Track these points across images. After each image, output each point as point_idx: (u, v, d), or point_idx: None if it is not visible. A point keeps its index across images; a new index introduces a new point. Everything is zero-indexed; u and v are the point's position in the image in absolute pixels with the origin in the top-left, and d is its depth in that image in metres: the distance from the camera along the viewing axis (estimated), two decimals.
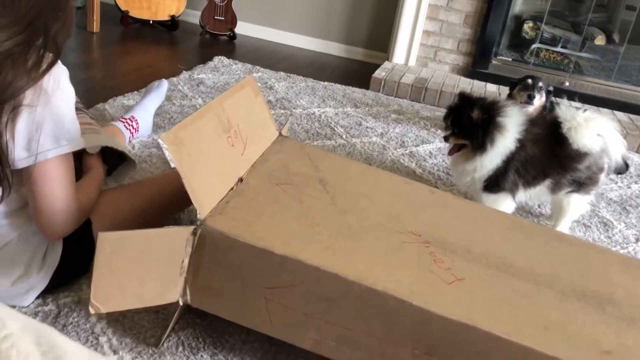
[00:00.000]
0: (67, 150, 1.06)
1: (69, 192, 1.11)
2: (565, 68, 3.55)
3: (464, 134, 1.71)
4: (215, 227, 1.05)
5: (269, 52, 3.77)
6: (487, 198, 1.77)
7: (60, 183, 1.08)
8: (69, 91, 1.06)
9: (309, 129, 2.50)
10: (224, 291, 1.08)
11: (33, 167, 1.04)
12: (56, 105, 1.02)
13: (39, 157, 1.03)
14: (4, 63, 0.93)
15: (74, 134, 1.08)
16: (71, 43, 3.31)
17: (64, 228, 1.14)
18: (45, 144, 1.03)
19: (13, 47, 0.94)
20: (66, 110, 1.05)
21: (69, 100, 1.06)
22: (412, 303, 0.99)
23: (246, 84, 1.37)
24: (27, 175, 1.06)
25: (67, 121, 1.05)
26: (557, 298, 1.12)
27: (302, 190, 1.27)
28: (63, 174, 1.08)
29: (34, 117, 1.00)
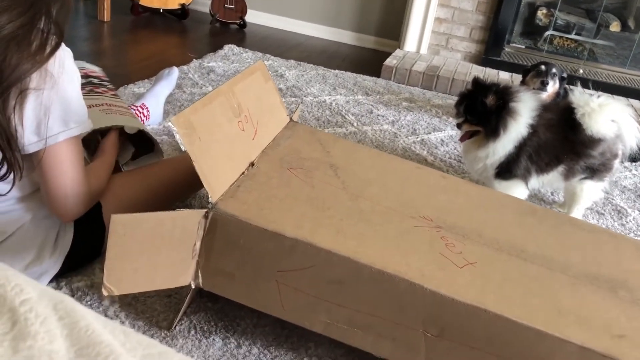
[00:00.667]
0: (76, 132, 1.07)
1: (79, 175, 1.11)
2: (579, 55, 3.51)
3: (478, 120, 1.70)
4: (227, 210, 1.05)
5: (280, 40, 3.76)
6: (499, 185, 1.76)
7: (70, 166, 1.08)
8: (74, 73, 1.06)
9: (320, 117, 2.49)
10: (236, 274, 1.09)
11: (43, 150, 1.04)
12: (63, 87, 1.02)
13: (49, 140, 1.03)
14: (8, 46, 0.93)
15: (82, 116, 1.08)
16: (82, 32, 3.32)
17: (76, 209, 1.15)
18: (54, 127, 1.03)
19: (16, 30, 0.94)
20: (73, 92, 1.05)
21: (75, 82, 1.06)
22: (423, 286, 0.99)
23: (256, 69, 1.37)
24: (37, 159, 1.06)
25: (75, 103, 1.05)
26: (570, 282, 1.11)
27: (313, 174, 1.27)
28: (73, 156, 1.09)
29: (42, 100, 1.00)
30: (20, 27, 0.94)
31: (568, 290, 1.09)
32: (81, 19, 3.57)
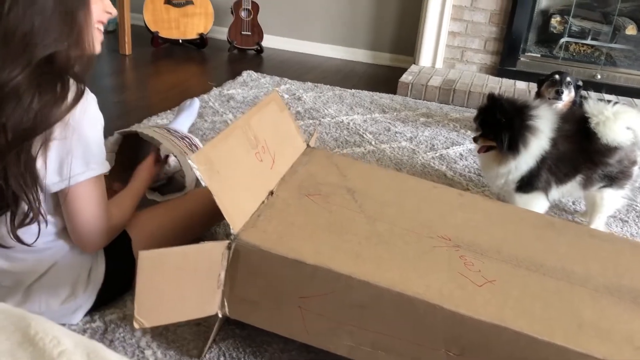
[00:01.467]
0: (96, 173, 1.13)
1: (101, 211, 1.17)
2: (596, 60, 3.49)
3: (493, 135, 1.72)
4: (248, 241, 1.09)
5: (296, 63, 3.83)
6: (520, 198, 1.77)
7: (91, 203, 1.15)
8: (97, 118, 1.12)
9: (338, 137, 2.53)
10: (260, 302, 1.12)
11: (67, 189, 1.11)
12: (85, 132, 1.08)
13: (70, 180, 1.10)
14: (26, 97, 0.99)
15: (102, 157, 1.15)
16: (105, 66, 3.44)
17: (98, 242, 1.21)
18: (76, 168, 1.09)
19: (26, 81, 0.99)
20: (94, 136, 1.11)
21: (97, 127, 1.12)
22: (443, 306, 1.01)
23: (271, 100, 1.41)
24: (62, 197, 1.13)
25: (96, 146, 1.12)
26: (590, 295, 1.12)
27: (331, 199, 1.30)
28: (94, 194, 1.15)
29: (65, 144, 1.07)
30: (33, 77, 1.00)
31: (589, 303, 1.10)
32: (104, 53, 3.69)
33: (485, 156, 1.80)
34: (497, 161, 1.75)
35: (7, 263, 1.18)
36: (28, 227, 1.10)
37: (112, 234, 1.25)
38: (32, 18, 1.01)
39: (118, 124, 2.48)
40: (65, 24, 1.05)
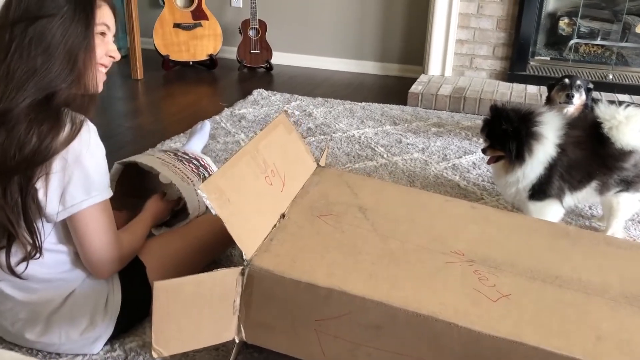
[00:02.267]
0: (97, 200, 1.15)
1: (109, 237, 1.19)
2: (607, 60, 3.46)
3: (499, 145, 1.71)
4: (262, 266, 1.10)
5: (306, 79, 3.85)
6: (533, 207, 1.76)
7: (98, 229, 1.17)
8: (97, 147, 1.14)
9: (350, 152, 2.54)
10: (276, 326, 1.13)
11: (70, 218, 1.14)
12: (85, 162, 1.11)
13: (72, 208, 1.12)
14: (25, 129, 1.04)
15: (104, 184, 1.17)
16: (118, 92, 3.49)
17: (109, 268, 1.23)
18: (77, 196, 1.12)
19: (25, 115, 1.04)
20: (94, 165, 1.13)
21: (97, 156, 1.14)
22: (458, 324, 1.01)
23: (279, 123, 1.43)
24: (70, 226, 1.16)
25: (97, 175, 1.14)
26: (609, 305, 1.11)
27: (343, 219, 1.31)
28: (99, 221, 1.17)
29: (64, 174, 1.10)
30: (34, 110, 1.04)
31: (607, 314, 1.09)
32: (116, 79, 3.76)
33: (496, 166, 1.80)
34: (505, 170, 1.75)
35: (21, 294, 1.20)
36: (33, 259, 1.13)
37: (124, 261, 1.27)
38: (36, 58, 1.05)
39: (133, 148, 2.52)
40: (67, 65, 1.09)
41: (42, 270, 1.18)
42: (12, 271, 1.14)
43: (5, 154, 1.04)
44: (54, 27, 1.07)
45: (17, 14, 1.06)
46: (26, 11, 1.06)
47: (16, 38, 1.05)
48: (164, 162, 1.60)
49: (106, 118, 2.99)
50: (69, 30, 1.08)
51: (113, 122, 2.93)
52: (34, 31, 1.06)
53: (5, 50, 1.05)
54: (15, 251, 1.13)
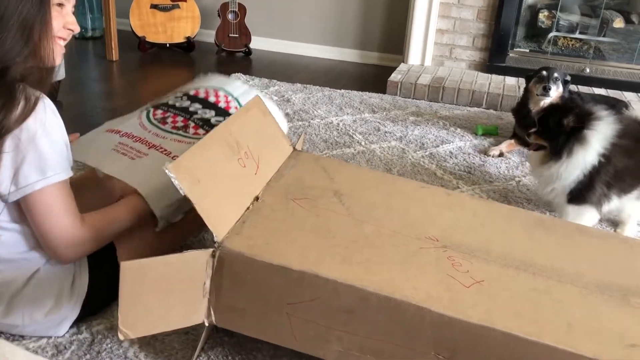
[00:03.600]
0: (53, 180, 1.10)
1: (67, 220, 1.13)
2: (585, 54, 3.49)
3: (547, 135, 1.71)
4: (233, 248, 1.08)
5: (285, 65, 3.81)
6: (571, 209, 1.76)
7: (55, 212, 1.11)
8: (54, 125, 1.09)
9: (328, 139, 2.52)
10: (247, 309, 1.11)
11: (25, 199, 1.09)
12: (38, 141, 1.06)
13: (26, 189, 1.07)
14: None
15: (61, 165, 1.11)
16: (92, 73, 3.41)
17: (69, 253, 1.16)
18: (31, 176, 1.07)
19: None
20: (50, 145, 1.08)
21: (54, 134, 1.09)
22: (431, 309, 1.00)
23: (253, 106, 1.40)
24: (25, 208, 1.11)
25: (52, 154, 1.09)
26: (581, 293, 1.11)
27: (318, 203, 1.29)
28: (56, 202, 1.11)
29: (17, 153, 1.05)
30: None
31: (578, 302, 1.09)
32: (90, 59, 3.67)
33: (534, 155, 1.80)
34: (541, 161, 1.75)
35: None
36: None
37: (89, 244, 1.19)
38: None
39: None
40: (22, 37, 1.04)
41: (4, 250, 1.14)
42: None
43: None
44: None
45: None
46: None
47: None
48: (113, 155, 1.42)
49: (80, 99, 2.91)
50: (23, 0, 1.03)
51: (87, 103, 2.86)
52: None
53: None
54: None
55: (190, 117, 1.55)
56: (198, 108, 1.59)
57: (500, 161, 2.39)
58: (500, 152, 2.44)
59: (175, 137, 1.48)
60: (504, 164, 2.37)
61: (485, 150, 2.48)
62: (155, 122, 1.57)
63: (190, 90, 1.73)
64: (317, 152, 2.38)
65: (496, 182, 2.20)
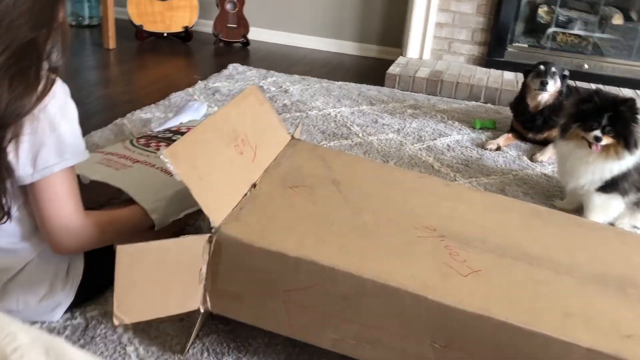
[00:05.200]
0: (71, 163, 1.09)
1: (74, 206, 1.12)
2: (583, 50, 3.49)
3: (619, 132, 1.71)
4: (230, 234, 1.07)
5: (283, 56, 3.80)
6: (598, 197, 1.78)
7: (65, 197, 1.10)
8: (70, 108, 1.09)
9: (325, 130, 2.51)
10: (243, 296, 1.10)
11: (39, 182, 1.07)
12: (57, 123, 1.05)
13: (44, 172, 1.06)
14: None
15: (77, 147, 1.11)
16: (89, 61, 3.39)
17: (69, 241, 1.14)
18: (50, 158, 1.06)
19: (2, 68, 0.97)
20: (67, 126, 1.07)
21: (69, 117, 1.08)
22: (427, 297, 1.00)
23: (249, 94, 1.39)
24: (32, 192, 1.09)
25: (70, 136, 1.08)
26: (577, 284, 1.11)
27: (316, 191, 1.28)
28: (67, 187, 1.10)
29: (37, 135, 1.03)
30: (8, 64, 0.97)
31: (575, 292, 1.09)
32: (87, 47, 3.65)
33: (584, 149, 1.77)
34: (605, 155, 1.74)
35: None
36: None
37: (85, 239, 1.17)
38: (22, 5, 0.99)
39: (103, 117, 2.45)
40: (46, 12, 1.03)
41: (2, 239, 1.13)
42: None
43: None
44: None
45: None
46: None
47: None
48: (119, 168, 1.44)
49: (76, 86, 2.89)
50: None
51: (83, 91, 2.84)
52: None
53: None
54: None
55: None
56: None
57: (498, 155, 2.39)
58: (498, 145, 2.44)
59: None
60: (502, 158, 2.37)
61: (482, 144, 2.48)
62: (139, 146, 1.62)
63: (172, 127, 1.82)
64: (314, 143, 2.37)
65: (493, 176, 2.20)
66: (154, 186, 1.35)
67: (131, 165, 1.45)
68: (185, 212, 1.35)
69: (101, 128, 2.30)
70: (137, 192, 1.29)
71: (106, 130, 2.29)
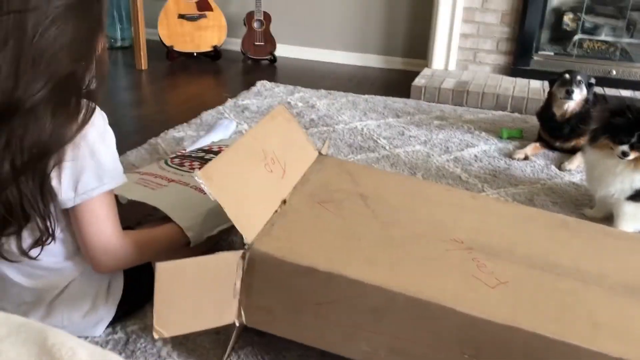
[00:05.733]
0: (109, 187, 1.15)
1: (113, 228, 1.18)
2: (611, 56, 3.46)
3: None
4: (262, 250, 1.11)
5: (309, 71, 3.86)
6: (628, 206, 1.78)
7: (104, 219, 1.16)
8: (110, 136, 1.15)
9: (352, 143, 2.55)
10: (276, 310, 1.14)
11: (80, 205, 1.13)
12: (96, 150, 1.11)
13: (84, 196, 1.12)
14: (42, 115, 1.03)
15: (115, 171, 1.16)
16: (122, 82, 3.50)
17: (107, 260, 1.19)
18: (90, 183, 1.12)
19: (45, 99, 1.03)
20: (106, 152, 1.13)
21: (107, 143, 1.14)
22: (456, 309, 1.02)
23: (277, 115, 1.44)
24: (74, 215, 1.15)
25: (108, 162, 1.14)
26: (606, 294, 1.12)
27: (344, 206, 1.32)
28: (106, 210, 1.16)
29: (78, 161, 1.09)
30: (50, 96, 1.03)
31: (604, 303, 1.10)
32: (120, 69, 3.76)
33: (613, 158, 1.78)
34: (635, 166, 1.75)
35: (28, 280, 1.21)
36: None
37: (123, 258, 1.22)
38: (62, 39, 1.04)
39: (137, 137, 2.53)
40: (86, 44, 1.09)
41: (47, 258, 1.19)
42: (25, 254, 1.14)
43: (21, 143, 1.03)
44: (77, 8, 1.06)
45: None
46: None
47: (39, 20, 1.03)
48: (154, 188, 1.51)
49: (110, 107, 2.99)
50: (91, 12, 1.09)
51: (117, 112, 2.94)
52: (55, 12, 1.04)
53: (21, 33, 1.03)
54: (26, 237, 1.13)
55: (207, 163, 1.66)
56: (213, 157, 1.70)
57: (526, 164, 2.39)
58: (525, 155, 2.44)
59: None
60: (529, 167, 2.36)
61: (510, 154, 2.48)
62: (173, 166, 1.70)
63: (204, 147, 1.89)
64: (341, 156, 2.41)
65: (521, 185, 2.20)
66: (188, 204, 1.41)
67: (166, 184, 1.51)
68: (219, 229, 1.40)
69: (136, 148, 2.38)
70: (173, 211, 1.35)
71: (141, 149, 2.37)
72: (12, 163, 1.03)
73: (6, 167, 1.03)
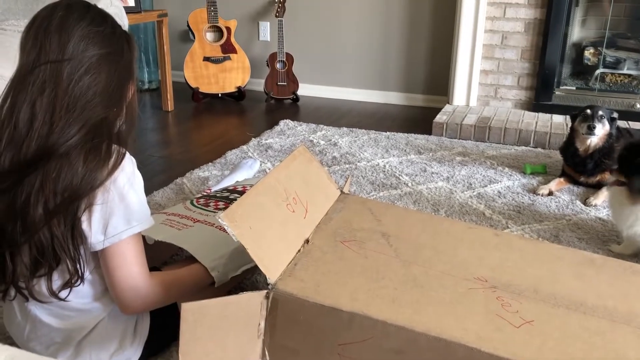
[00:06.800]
0: (137, 230, 1.18)
1: (140, 269, 1.20)
2: (634, 90, 3.44)
3: (624, 173, 1.77)
4: (286, 290, 1.12)
5: (331, 110, 3.92)
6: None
7: (132, 261, 1.18)
8: (139, 180, 1.18)
9: (374, 181, 2.56)
10: (300, 350, 1.15)
11: (108, 248, 1.16)
12: (125, 194, 1.14)
13: (113, 239, 1.14)
14: (75, 160, 1.07)
15: (143, 214, 1.19)
16: (150, 123, 3.60)
17: (135, 301, 1.21)
18: (119, 226, 1.15)
19: (78, 144, 1.08)
20: (135, 196, 1.17)
21: (136, 187, 1.17)
22: (481, 349, 1.01)
23: (298, 155, 1.46)
24: (103, 257, 1.18)
25: (136, 205, 1.17)
26: (635, 333, 1.10)
27: (366, 245, 1.33)
28: (134, 252, 1.19)
29: (107, 204, 1.13)
30: (83, 141, 1.08)
31: (633, 342, 1.08)
32: (148, 110, 3.87)
33: (618, 191, 1.81)
34: (629, 199, 1.78)
35: (57, 321, 1.24)
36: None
37: (151, 300, 1.24)
38: (95, 87, 1.10)
39: (163, 177, 2.59)
40: (117, 92, 1.15)
41: (76, 299, 1.22)
42: (55, 295, 1.17)
43: (54, 187, 1.07)
44: (110, 57, 1.12)
45: (75, 50, 1.10)
46: (85, 47, 1.10)
47: (74, 69, 1.09)
48: (182, 229, 1.55)
49: (137, 148, 3.07)
50: (122, 61, 1.14)
51: (144, 153, 3.02)
52: (90, 62, 1.10)
53: (57, 81, 1.09)
54: (56, 279, 1.17)
55: (231, 202, 1.69)
56: (238, 197, 1.74)
57: (550, 200, 2.38)
58: (550, 190, 2.42)
59: None
60: (554, 203, 2.35)
61: (534, 189, 2.47)
62: (198, 206, 1.75)
63: (229, 187, 1.95)
64: (363, 194, 2.42)
65: (546, 222, 2.18)
66: (213, 245, 1.44)
67: (192, 225, 1.54)
68: (243, 269, 1.42)
69: (162, 188, 2.44)
70: (198, 251, 1.38)
71: (167, 189, 2.42)
72: (45, 206, 1.08)
73: (39, 210, 1.08)
